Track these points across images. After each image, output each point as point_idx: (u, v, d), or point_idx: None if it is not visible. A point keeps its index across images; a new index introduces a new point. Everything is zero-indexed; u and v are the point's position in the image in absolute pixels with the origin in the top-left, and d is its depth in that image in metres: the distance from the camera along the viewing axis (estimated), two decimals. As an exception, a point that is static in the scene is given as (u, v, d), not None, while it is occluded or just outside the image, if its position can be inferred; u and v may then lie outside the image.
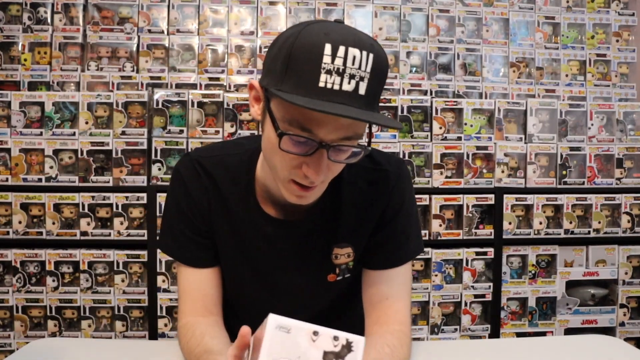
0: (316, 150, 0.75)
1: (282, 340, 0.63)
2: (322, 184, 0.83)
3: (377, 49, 0.74)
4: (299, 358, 0.62)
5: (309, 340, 0.63)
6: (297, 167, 0.79)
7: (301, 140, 0.75)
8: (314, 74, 0.71)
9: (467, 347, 1.16)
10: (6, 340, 2.02)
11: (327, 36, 0.71)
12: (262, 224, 0.94)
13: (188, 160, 0.98)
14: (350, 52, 0.71)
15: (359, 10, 2.40)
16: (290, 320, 0.64)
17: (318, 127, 0.74)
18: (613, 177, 2.25)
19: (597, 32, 2.52)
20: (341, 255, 0.96)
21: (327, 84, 0.71)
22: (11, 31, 2.25)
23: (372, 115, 0.73)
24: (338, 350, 0.62)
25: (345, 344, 0.62)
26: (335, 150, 0.76)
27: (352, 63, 0.71)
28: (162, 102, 2.08)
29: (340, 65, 0.71)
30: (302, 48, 0.72)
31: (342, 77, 0.71)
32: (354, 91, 0.72)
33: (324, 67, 0.71)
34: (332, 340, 0.63)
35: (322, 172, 0.77)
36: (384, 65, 0.76)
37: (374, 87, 0.74)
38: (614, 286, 2.26)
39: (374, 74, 0.73)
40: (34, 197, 2.01)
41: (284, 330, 0.64)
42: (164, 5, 2.31)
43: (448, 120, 2.19)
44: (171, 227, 0.99)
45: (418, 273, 2.17)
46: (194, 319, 0.96)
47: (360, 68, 0.72)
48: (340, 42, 0.71)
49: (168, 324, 2.05)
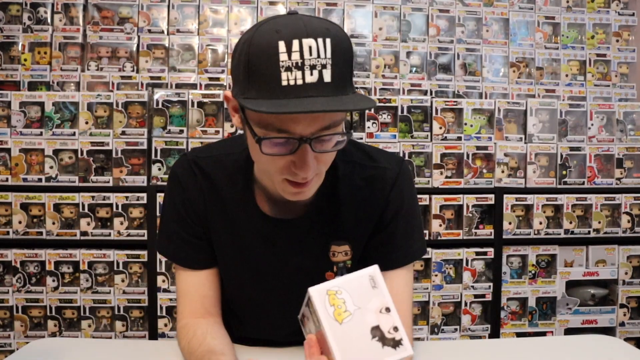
0: (299, 146, 0.75)
1: (364, 286, 0.65)
2: (317, 176, 0.83)
3: (333, 32, 0.73)
4: (359, 309, 0.64)
5: (378, 308, 0.64)
6: (286, 167, 0.78)
7: (280, 141, 0.75)
8: (274, 75, 0.70)
9: (467, 347, 1.16)
10: (6, 340, 2.02)
11: (278, 34, 0.71)
12: (259, 223, 0.94)
13: (184, 161, 0.98)
14: (305, 43, 0.70)
15: (359, 10, 2.40)
16: (383, 282, 0.67)
17: (293, 126, 0.74)
18: (613, 177, 2.25)
19: (597, 32, 2.52)
20: (339, 252, 0.96)
21: (290, 81, 0.70)
22: (11, 31, 2.25)
23: (341, 102, 0.72)
24: (388, 337, 0.63)
25: (397, 339, 0.63)
26: (318, 141, 0.76)
27: (310, 54, 0.70)
28: (162, 102, 2.08)
29: (297, 59, 0.70)
30: (257, 52, 0.72)
31: (303, 71, 0.70)
32: (319, 81, 0.71)
33: (283, 65, 0.70)
34: (392, 327, 0.64)
35: (310, 167, 0.77)
36: (345, 46, 0.75)
37: (340, 71, 0.73)
38: (614, 286, 2.26)
39: (337, 58, 0.72)
40: (34, 197, 2.01)
41: (372, 282, 0.66)
42: (164, 5, 2.31)
43: (448, 120, 2.19)
44: (168, 229, 0.99)
45: (418, 273, 2.17)
46: (194, 320, 0.96)
47: (319, 56, 0.71)
48: (292, 36, 0.70)
49: (168, 324, 2.05)
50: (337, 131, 0.78)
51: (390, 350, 0.62)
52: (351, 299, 0.65)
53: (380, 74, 2.37)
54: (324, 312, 0.63)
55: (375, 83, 2.35)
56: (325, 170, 0.84)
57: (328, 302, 0.64)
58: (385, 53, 2.39)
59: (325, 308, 0.63)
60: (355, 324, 0.63)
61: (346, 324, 0.63)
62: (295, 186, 0.81)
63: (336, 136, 0.78)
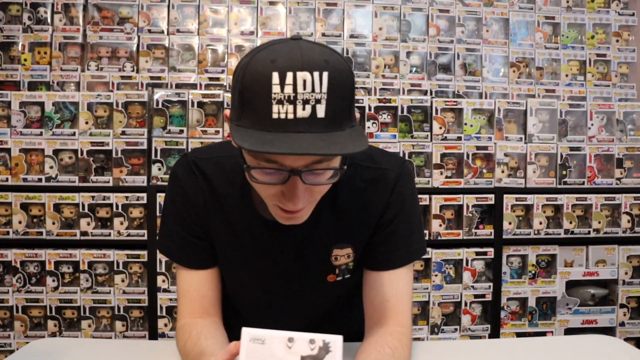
0: (288, 178, 0.73)
1: (258, 351, 0.63)
2: (310, 205, 0.81)
3: (332, 64, 0.70)
4: None
5: (285, 348, 0.63)
6: (276, 195, 0.77)
7: (270, 171, 0.74)
8: (266, 107, 0.68)
9: (467, 347, 1.16)
10: (6, 340, 2.02)
11: (273, 64, 0.69)
12: (258, 227, 0.94)
13: (185, 162, 0.97)
14: (299, 76, 0.68)
15: (359, 10, 2.40)
16: (263, 331, 0.64)
17: (282, 159, 0.72)
18: (613, 177, 2.25)
19: (597, 32, 2.52)
20: (341, 256, 0.96)
21: (280, 115, 0.68)
22: (11, 31, 2.25)
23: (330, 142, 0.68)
24: (315, 353, 0.63)
25: (323, 345, 0.63)
26: (309, 174, 0.74)
27: (304, 88, 0.68)
28: (162, 102, 2.08)
29: (290, 92, 0.68)
30: (251, 80, 0.70)
31: (295, 105, 0.68)
32: (311, 116, 0.68)
33: (275, 98, 0.68)
34: (309, 343, 0.63)
35: (300, 199, 0.75)
36: (344, 79, 0.72)
37: (335, 106, 0.70)
38: (614, 286, 2.26)
39: (333, 93, 0.70)
40: (34, 197, 2.01)
41: (258, 341, 0.64)
42: (164, 5, 2.31)
43: (448, 120, 2.19)
44: (169, 228, 0.99)
45: (418, 273, 2.17)
46: (192, 320, 0.96)
47: (314, 91, 0.68)
48: (287, 68, 0.68)
49: (168, 324, 2.05)
50: (331, 166, 0.75)
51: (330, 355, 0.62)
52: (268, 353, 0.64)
53: (380, 74, 2.37)
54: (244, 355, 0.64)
55: (375, 83, 2.35)
56: (319, 198, 0.82)
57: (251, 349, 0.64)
58: (385, 53, 2.39)
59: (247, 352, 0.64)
60: None
61: None
62: (287, 212, 0.80)
63: (330, 170, 0.76)
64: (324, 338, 0.63)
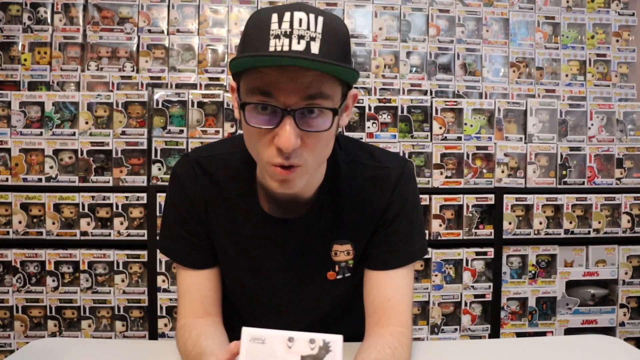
0: (282, 118, 0.74)
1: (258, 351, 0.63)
2: (303, 168, 0.79)
3: (328, 14, 0.75)
4: None
5: (285, 347, 0.63)
6: (270, 144, 0.77)
7: (265, 107, 0.75)
8: (264, 42, 0.72)
9: (467, 347, 1.16)
10: (6, 340, 2.02)
11: (274, 7, 0.75)
12: (261, 222, 0.94)
13: (186, 161, 0.97)
14: (296, 15, 0.72)
15: (359, 10, 2.40)
16: (263, 331, 0.65)
17: (278, 91, 0.74)
18: (613, 177, 2.25)
19: (597, 32, 2.52)
20: (340, 252, 0.96)
21: (277, 47, 0.72)
22: (11, 31, 2.25)
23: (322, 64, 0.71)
24: (316, 352, 0.63)
25: (323, 345, 0.63)
26: (303, 117, 0.75)
27: (299, 25, 0.72)
28: (162, 102, 2.08)
29: (287, 28, 0.72)
30: (253, 23, 0.76)
31: (291, 39, 0.71)
32: (305, 50, 0.72)
33: (272, 33, 0.72)
34: (309, 343, 0.63)
35: (291, 140, 0.74)
36: (338, 27, 0.75)
37: (329, 48, 0.73)
38: (614, 286, 2.26)
39: (327, 35, 0.73)
40: (34, 197, 2.01)
41: (258, 341, 0.64)
42: (164, 5, 2.31)
43: (448, 120, 2.19)
44: (169, 228, 0.99)
45: (418, 273, 2.17)
46: (192, 320, 0.96)
47: (309, 29, 0.72)
48: (286, 9, 0.73)
49: (168, 324, 2.05)
50: (323, 105, 0.76)
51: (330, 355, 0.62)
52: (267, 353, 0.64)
53: (380, 74, 2.37)
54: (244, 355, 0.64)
55: (375, 83, 2.35)
56: (314, 162, 0.81)
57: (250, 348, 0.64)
58: (385, 53, 2.39)
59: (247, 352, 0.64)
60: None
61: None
62: (282, 171, 0.78)
63: (323, 116, 0.76)
64: (324, 338, 0.63)
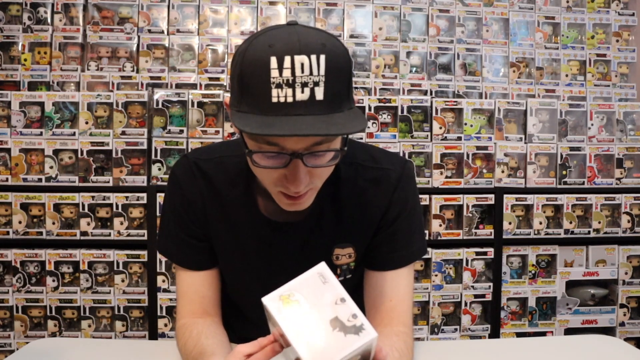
0: (290, 161, 0.74)
1: (314, 284, 0.66)
2: (312, 190, 0.82)
3: (329, 47, 0.72)
4: (315, 306, 0.65)
5: (333, 301, 0.65)
6: (279, 180, 0.78)
7: (272, 155, 0.75)
8: (265, 91, 0.69)
9: (467, 347, 1.16)
10: (6, 340, 2.02)
11: (271, 48, 0.70)
12: (261, 227, 0.94)
13: (185, 162, 0.97)
14: (297, 60, 0.69)
15: (359, 10, 2.40)
16: (332, 276, 0.67)
17: (283, 141, 0.73)
18: (613, 177, 2.25)
19: (597, 32, 2.52)
20: (342, 255, 0.96)
21: (280, 98, 0.69)
22: (11, 31, 2.25)
23: (330, 123, 0.69)
24: (349, 325, 0.63)
25: (358, 326, 0.63)
26: (311, 156, 0.75)
27: (302, 71, 0.69)
28: (162, 102, 2.08)
29: (288, 76, 0.69)
30: (249, 66, 0.71)
31: (294, 88, 0.69)
32: (310, 99, 0.70)
33: (273, 82, 0.69)
34: (350, 315, 0.64)
35: (302, 182, 0.76)
36: (341, 62, 0.73)
37: (333, 88, 0.71)
38: (614, 286, 2.26)
39: (331, 75, 0.71)
40: (34, 197, 2.01)
41: (322, 278, 0.67)
42: (164, 5, 2.31)
43: (448, 120, 2.19)
44: (168, 229, 0.99)
45: (418, 273, 2.17)
46: (192, 320, 0.96)
47: (312, 74, 0.69)
48: (285, 52, 0.69)
49: (168, 324, 2.05)
50: (331, 147, 0.76)
51: (354, 337, 0.63)
52: (305, 298, 0.66)
53: (380, 74, 2.37)
54: (281, 317, 0.65)
55: (375, 83, 2.35)
56: (321, 184, 0.83)
57: (282, 307, 0.65)
58: (385, 53, 2.39)
59: (281, 312, 0.65)
60: (314, 320, 0.64)
61: (305, 322, 0.64)
62: (290, 198, 0.80)
63: (330, 153, 0.77)
64: (363, 322, 0.64)
